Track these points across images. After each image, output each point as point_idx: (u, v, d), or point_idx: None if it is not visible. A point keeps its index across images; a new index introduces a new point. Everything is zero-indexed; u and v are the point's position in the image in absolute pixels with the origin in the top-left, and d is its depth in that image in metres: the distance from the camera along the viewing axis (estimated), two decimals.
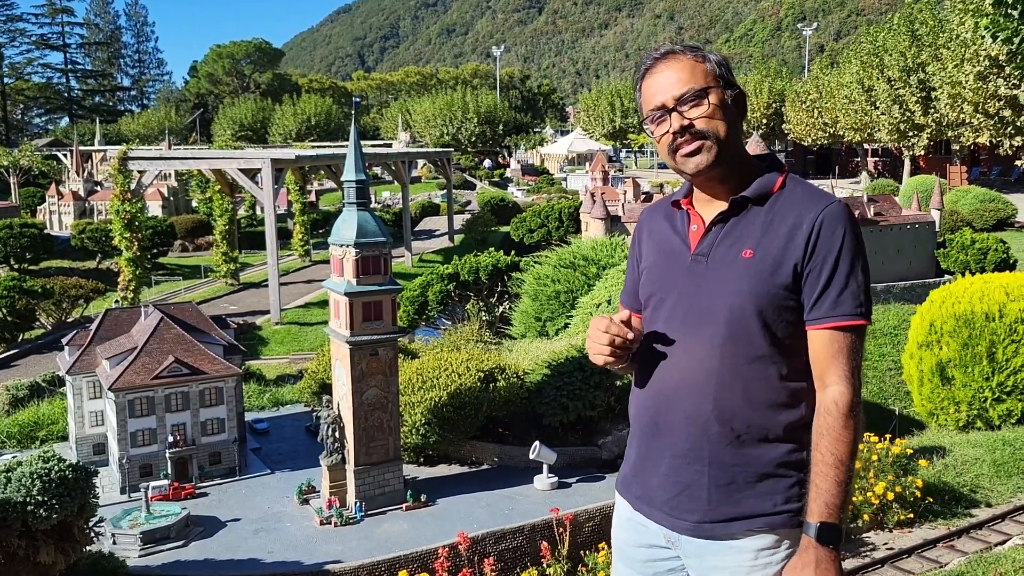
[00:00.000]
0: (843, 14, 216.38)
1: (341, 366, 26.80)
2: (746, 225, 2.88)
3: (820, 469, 2.72)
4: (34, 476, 19.35)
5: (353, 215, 26.34)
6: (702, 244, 2.93)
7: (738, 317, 2.80)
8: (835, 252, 2.75)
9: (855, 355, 2.77)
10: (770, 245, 2.81)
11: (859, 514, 12.20)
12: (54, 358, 39.96)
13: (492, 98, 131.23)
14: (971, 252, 45.82)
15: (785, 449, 2.85)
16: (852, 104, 72.90)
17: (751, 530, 2.84)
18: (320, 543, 24.73)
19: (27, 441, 33.31)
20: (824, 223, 2.76)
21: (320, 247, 74.67)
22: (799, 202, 2.84)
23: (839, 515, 2.72)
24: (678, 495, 2.93)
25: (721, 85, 2.87)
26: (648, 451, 3.02)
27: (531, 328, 40.13)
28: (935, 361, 20.32)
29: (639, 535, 3.12)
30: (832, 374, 2.76)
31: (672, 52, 2.91)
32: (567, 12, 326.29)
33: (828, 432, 2.73)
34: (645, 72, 2.93)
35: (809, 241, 2.76)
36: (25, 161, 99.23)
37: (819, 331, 2.78)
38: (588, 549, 10.39)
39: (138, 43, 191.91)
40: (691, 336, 2.88)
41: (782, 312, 2.80)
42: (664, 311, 2.98)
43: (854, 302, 2.75)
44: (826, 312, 2.76)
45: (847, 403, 2.73)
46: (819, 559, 2.69)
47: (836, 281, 2.75)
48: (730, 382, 2.82)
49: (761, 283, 2.78)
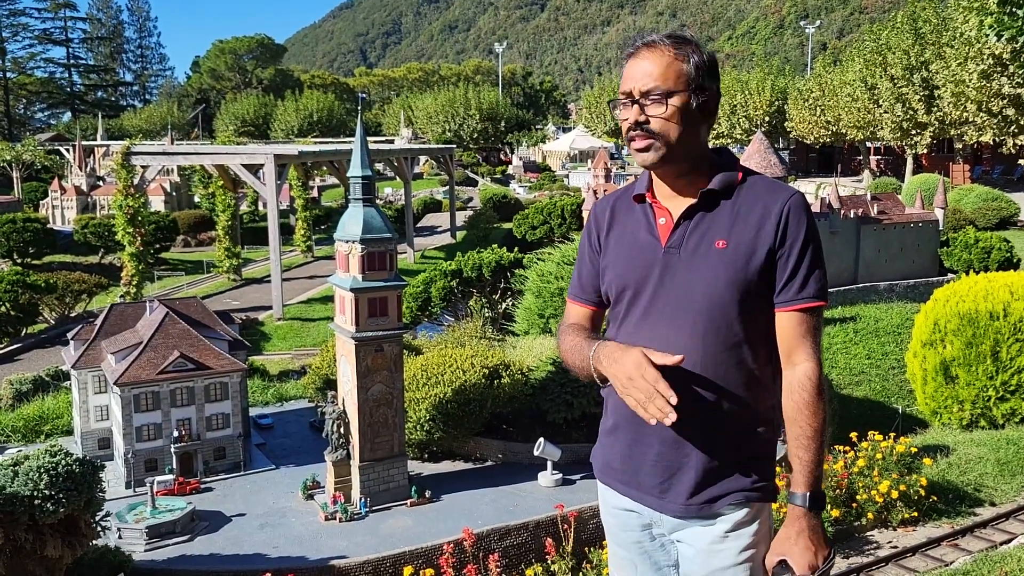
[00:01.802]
0: (846, 12, 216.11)
1: (346, 362, 26.87)
2: (714, 217, 2.98)
3: (800, 442, 2.88)
4: (41, 470, 19.44)
5: (359, 211, 26.40)
6: (673, 237, 3.02)
7: (716, 305, 2.92)
8: (800, 239, 2.92)
9: (818, 334, 2.97)
10: (742, 235, 2.93)
11: (863, 512, 12.26)
12: (57, 352, 40.09)
13: (494, 95, 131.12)
14: (974, 251, 45.85)
15: (762, 429, 3.03)
16: (855, 102, 72.82)
17: (731, 504, 3.02)
18: (325, 538, 24.83)
19: (32, 435, 33.42)
20: (791, 212, 2.93)
21: (322, 243, 74.77)
22: (762, 193, 2.99)
23: (820, 483, 2.93)
24: (668, 479, 3.06)
25: (692, 88, 2.93)
26: (636, 439, 3.11)
27: (534, 325, 40.19)
28: (939, 360, 20.38)
29: (629, 520, 3.25)
30: (801, 352, 2.92)
31: (656, 43, 2.97)
32: (569, 9, 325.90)
33: (805, 407, 2.88)
34: (629, 55, 3.05)
35: (779, 229, 2.92)
36: (28, 156, 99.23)
37: (788, 313, 2.94)
38: (593, 546, 10.41)
39: (140, 38, 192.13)
40: (671, 327, 2.98)
41: (755, 299, 2.94)
42: (640, 304, 3.07)
43: (817, 285, 2.93)
44: (794, 295, 2.93)
45: (817, 377, 2.90)
46: (812, 526, 2.89)
47: (803, 266, 2.92)
48: (712, 369, 2.94)
49: (737, 271, 2.91)
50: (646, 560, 3.27)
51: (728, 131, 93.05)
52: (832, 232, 44.24)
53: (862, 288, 45.21)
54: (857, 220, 45.35)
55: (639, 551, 3.27)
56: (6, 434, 33.24)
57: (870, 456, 13.05)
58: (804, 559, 2.84)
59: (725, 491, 3.00)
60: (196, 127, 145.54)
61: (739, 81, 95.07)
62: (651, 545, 3.24)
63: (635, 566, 3.32)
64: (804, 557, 2.84)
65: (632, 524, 3.24)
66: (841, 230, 44.71)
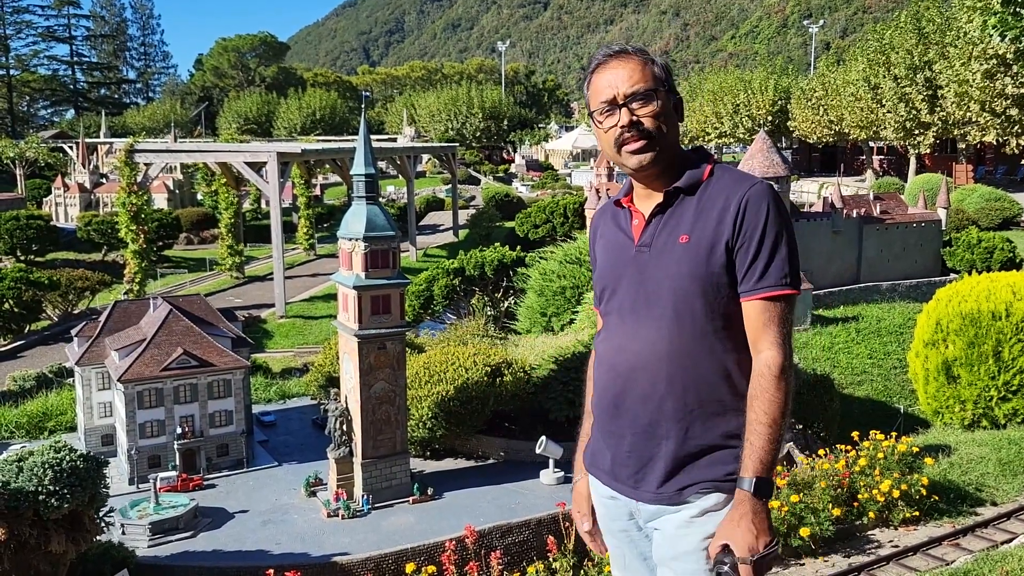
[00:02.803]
0: (849, 11, 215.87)
1: (349, 359, 26.93)
2: (681, 213, 3.07)
3: (754, 428, 2.92)
4: (46, 466, 19.50)
5: (362, 209, 26.44)
6: (644, 235, 3.13)
7: (681, 298, 3.00)
8: (760, 228, 2.94)
9: (784, 323, 2.98)
10: (704, 229, 3.00)
11: (865, 511, 12.29)
12: (60, 349, 40.23)
13: (497, 93, 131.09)
14: (977, 251, 45.82)
15: (735, 420, 3.04)
16: (858, 102, 72.76)
17: (700, 492, 3.08)
18: (327, 535, 24.89)
19: (36, 431, 33.52)
20: (749, 202, 2.96)
21: (324, 241, 74.82)
22: (726, 186, 3.03)
23: (771, 471, 2.94)
24: (641, 469, 3.14)
25: (666, 89, 3.07)
26: (611, 430, 3.21)
27: (536, 323, 40.26)
28: (941, 360, 20.38)
29: (613, 508, 3.35)
30: (764, 341, 2.96)
31: (624, 51, 3.09)
32: (572, 8, 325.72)
33: (762, 393, 2.92)
34: (596, 67, 3.14)
35: (736, 220, 2.95)
36: (31, 153, 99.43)
37: (750, 302, 2.98)
38: None
39: (143, 36, 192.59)
40: (640, 320, 3.09)
41: (720, 289, 2.99)
42: (616, 301, 3.19)
43: (779, 273, 2.95)
44: (754, 284, 2.96)
45: (778, 366, 2.93)
46: (755, 510, 2.90)
47: (762, 255, 2.95)
48: (679, 360, 3.02)
49: (699, 265, 2.98)
50: (633, 549, 3.36)
51: (731, 130, 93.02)
52: (835, 232, 44.24)
53: (864, 288, 45.21)
54: (860, 220, 45.36)
55: (626, 540, 3.36)
56: (10, 430, 33.34)
57: (872, 455, 13.06)
58: (744, 542, 2.86)
59: (694, 480, 3.06)
60: (199, 125, 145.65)
61: (742, 80, 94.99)
62: (637, 535, 3.32)
63: (623, 556, 3.41)
64: (745, 540, 2.86)
65: (617, 513, 3.33)
66: (844, 230, 44.72)
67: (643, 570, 3.37)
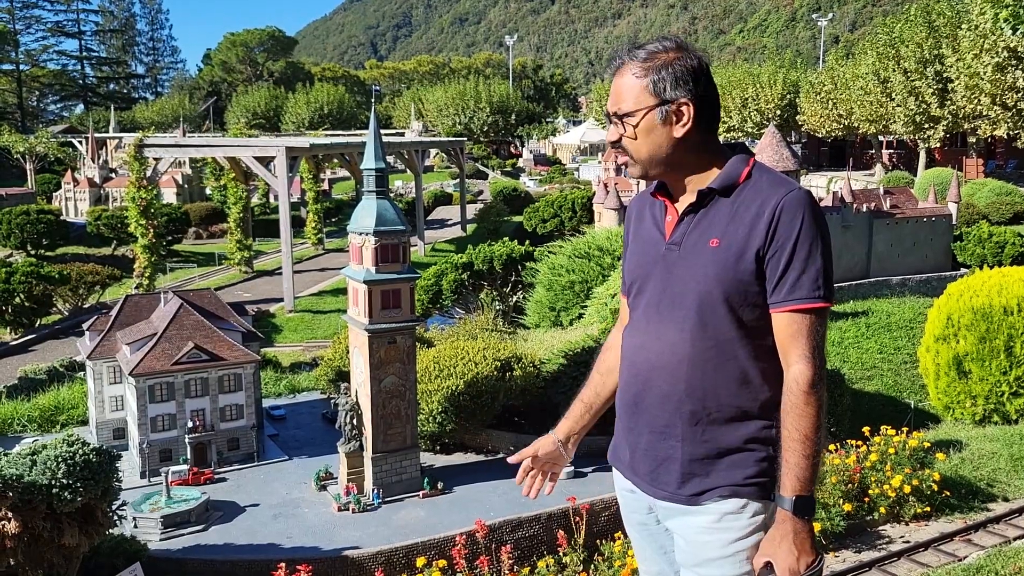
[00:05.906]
0: (858, 5, 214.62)
1: (359, 354, 27.01)
2: (714, 215, 3.01)
3: (788, 445, 2.88)
4: (59, 459, 19.62)
5: (372, 203, 26.49)
6: (675, 233, 3.09)
7: (706, 302, 2.96)
8: (793, 238, 2.86)
9: (815, 335, 2.90)
10: (735, 234, 2.93)
11: (876, 507, 12.29)
12: (71, 343, 40.44)
13: (504, 88, 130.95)
14: (988, 245, 45.61)
15: (755, 426, 3.02)
16: (867, 96, 72.34)
17: (719, 497, 3.06)
18: (338, 529, 25.00)
19: (48, 425, 33.73)
20: (784, 210, 2.88)
21: (333, 235, 74.99)
22: (762, 191, 2.95)
23: (810, 487, 2.88)
24: (656, 468, 3.15)
25: (656, 103, 2.95)
26: (631, 427, 3.23)
27: (545, 318, 40.26)
28: (952, 355, 20.34)
29: (632, 501, 3.38)
30: (793, 354, 2.90)
31: (625, 63, 3.02)
32: (580, 1, 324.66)
33: (792, 409, 2.88)
34: (612, 73, 3.15)
35: (770, 228, 2.88)
36: (41, 148, 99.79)
37: (780, 314, 2.93)
38: (604, 538, 10.43)
39: (152, 31, 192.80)
40: (664, 321, 3.06)
41: (747, 297, 2.94)
42: (643, 298, 3.17)
43: (812, 285, 2.87)
44: (785, 296, 2.89)
45: (807, 381, 2.87)
46: (796, 530, 2.87)
47: (794, 266, 2.87)
48: (700, 364, 2.99)
49: (726, 270, 2.92)
50: (653, 542, 3.39)
51: (740, 124, 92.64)
52: (844, 226, 44.10)
53: (874, 282, 45.07)
54: (869, 214, 45.19)
55: (645, 532, 3.39)
56: (22, 424, 33.55)
57: (882, 451, 13.06)
58: (786, 563, 2.85)
59: (712, 485, 3.04)
60: (208, 120, 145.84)
61: (751, 74, 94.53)
62: (656, 528, 3.34)
63: (642, 549, 3.45)
64: (786, 562, 2.85)
65: (636, 506, 3.36)
66: (853, 224, 44.57)
67: (662, 563, 3.40)
